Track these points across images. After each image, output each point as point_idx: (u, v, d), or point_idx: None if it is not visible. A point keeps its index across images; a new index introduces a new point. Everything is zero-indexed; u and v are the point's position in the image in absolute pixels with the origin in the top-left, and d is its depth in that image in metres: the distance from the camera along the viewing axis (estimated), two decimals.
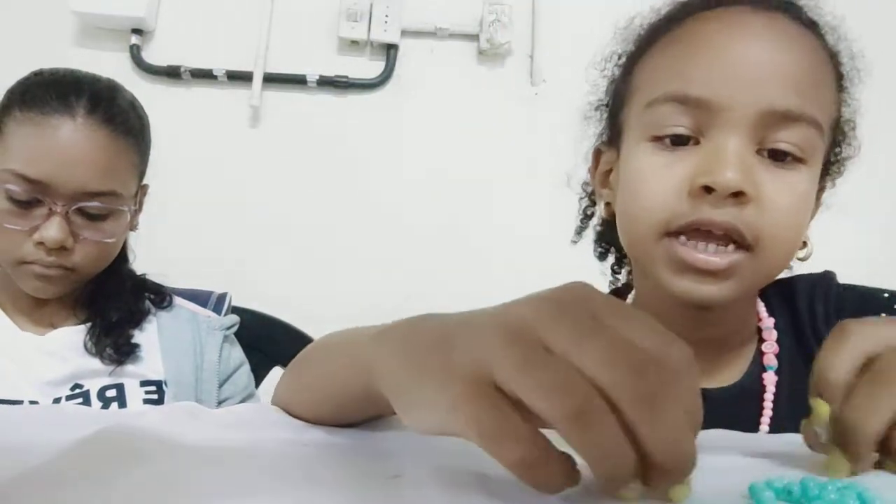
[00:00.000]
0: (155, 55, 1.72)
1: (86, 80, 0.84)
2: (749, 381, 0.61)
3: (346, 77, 1.71)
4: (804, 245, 0.60)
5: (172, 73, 1.70)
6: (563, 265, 0.76)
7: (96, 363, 0.85)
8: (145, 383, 0.87)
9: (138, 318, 0.91)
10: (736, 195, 0.51)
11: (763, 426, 0.59)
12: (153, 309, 0.94)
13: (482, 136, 1.72)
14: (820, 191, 0.61)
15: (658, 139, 0.55)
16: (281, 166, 1.71)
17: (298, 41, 1.74)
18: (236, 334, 0.97)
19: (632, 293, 0.68)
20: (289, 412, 0.45)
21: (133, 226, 0.91)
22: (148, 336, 0.90)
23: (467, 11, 1.73)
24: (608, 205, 0.65)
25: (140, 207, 0.92)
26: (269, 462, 0.35)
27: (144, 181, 0.92)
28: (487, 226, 1.67)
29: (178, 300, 0.97)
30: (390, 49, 1.73)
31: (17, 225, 0.79)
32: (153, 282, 0.96)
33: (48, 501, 0.27)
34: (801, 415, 0.37)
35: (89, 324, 0.88)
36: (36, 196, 0.79)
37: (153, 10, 1.72)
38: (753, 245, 0.53)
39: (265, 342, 1.09)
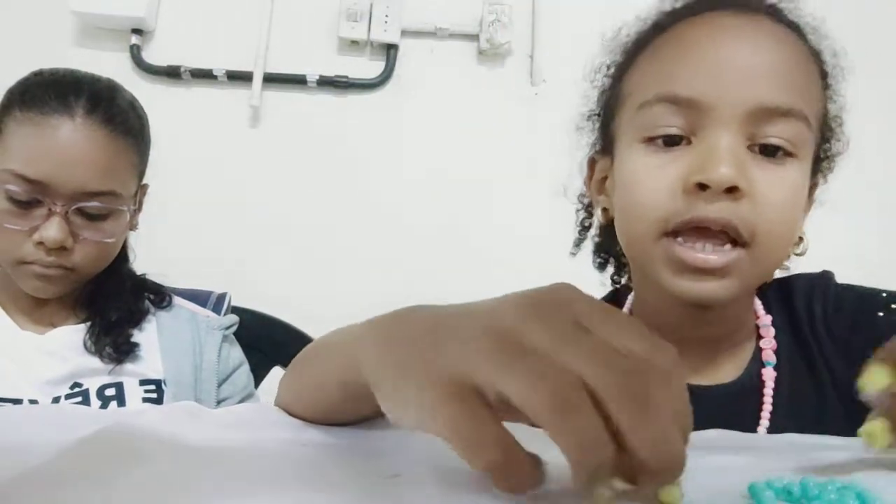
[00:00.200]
0: (155, 55, 1.72)
1: (85, 81, 0.84)
2: (748, 378, 0.62)
3: (346, 77, 1.71)
4: (800, 241, 0.61)
5: (172, 73, 1.71)
6: (563, 265, 0.77)
7: (96, 362, 0.85)
8: (144, 382, 0.87)
9: (138, 318, 0.91)
10: (730, 191, 0.52)
11: (763, 421, 0.60)
12: (153, 309, 0.94)
13: (482, 136, 1.72)
14: (812, 187, 0.62)
15: (651, 140, 0.57)
16: (281, 166, 1.71)
17: (298, 41, 1.74)
18: (236, 334, 0.98)
19: (631, 294, 0.69)
20: (291, 413, 0.45)
21: (133, 226, 0.91)
22: (147, 335, 0.91)
23: (467, 11, 1.73)
24: (605, 211, 0.66)
25: (140, 207, 0.92)
26: (269, 462, 0.35)
27: (144, 181, 0.92)
28: (487, 226, 1.68)
29: (178, 300, 0.97)
30: (390, 49, 1.73)
31: (17, 225, 0.79)
32: (153, 282, 0.96)
33: (48, 501, 0.27)
34: (801, 410, 0.37)
35: (89, 323, 0.88)
36: (36, 196, 0.79)
37: (153, 10, 1.72)
38: (749, 241, 0.54)
39: (265, 342, 1.09)
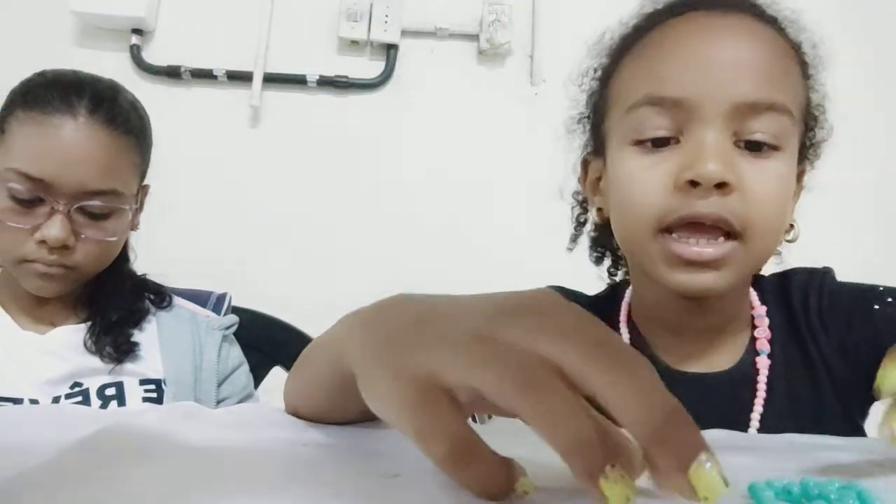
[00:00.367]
0: (155, 55, 1.73)
1: (87, 81, 0.85)
2: (744, 366, 0.64)
3: (346, 77, 1.72)
4: (791, 228, 0.63)
5: (172, 73, 1.71)
6: (563, 265, 0.77)
7: (96, 362, 0.85)
8: (144, 382, 0.87)
9: (138, 318, 0.91)
10: (720, 186, 0.54)
11: (757, 407, 0.61)
12: (153, 309, 0.94)
13: (482, 136, 1.72)
14: (800, 175, 0.64)
15: (640, 143, 0.58)
16: (281, 166, 1.71)
17: (298, 41, 1.74)
18: (236, 334, 0.98)
19: (629, 289, 0.71)
20: (298, 415, 0.45)
21: (134, 225, 0.92)
22: (147, 335, 0.91)
23: (467, 11, 1.73)
24: (600, 210, 0.68)
25: (141, 207, 0.93)
26: (269, 462, 0.35)
27: (145, 181, 0.92)
28: (487, 226, 1.68)
29: (178, 300, 0.97)
30: (390, 49, 1.73)
31: (20, 223, 0.79)
32: (153, 282, 0.96)
33: (48, 501, 0.27)
34: (797, 401, 0.37)
35: (89, 323, 0.88)
36: (38, 195, 0.79)
37: (153, 10, 1.72)
38: (742, 233, 0.55)
39: (265, 342, 1.08)
